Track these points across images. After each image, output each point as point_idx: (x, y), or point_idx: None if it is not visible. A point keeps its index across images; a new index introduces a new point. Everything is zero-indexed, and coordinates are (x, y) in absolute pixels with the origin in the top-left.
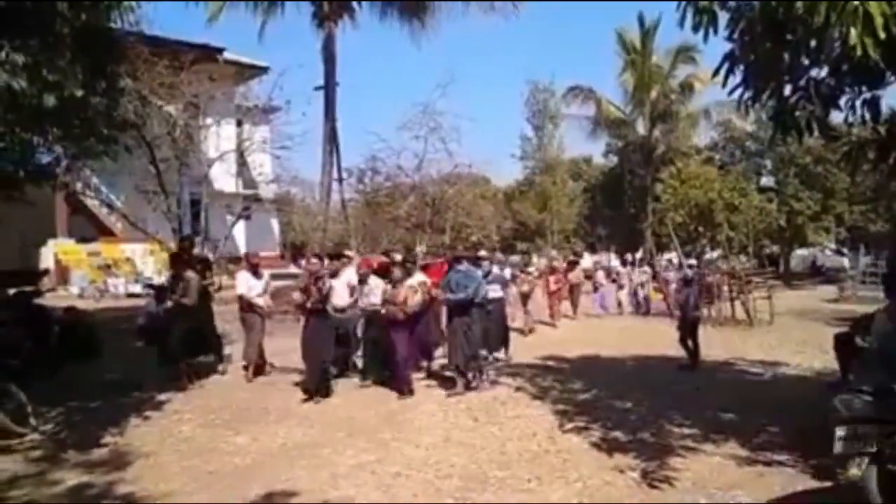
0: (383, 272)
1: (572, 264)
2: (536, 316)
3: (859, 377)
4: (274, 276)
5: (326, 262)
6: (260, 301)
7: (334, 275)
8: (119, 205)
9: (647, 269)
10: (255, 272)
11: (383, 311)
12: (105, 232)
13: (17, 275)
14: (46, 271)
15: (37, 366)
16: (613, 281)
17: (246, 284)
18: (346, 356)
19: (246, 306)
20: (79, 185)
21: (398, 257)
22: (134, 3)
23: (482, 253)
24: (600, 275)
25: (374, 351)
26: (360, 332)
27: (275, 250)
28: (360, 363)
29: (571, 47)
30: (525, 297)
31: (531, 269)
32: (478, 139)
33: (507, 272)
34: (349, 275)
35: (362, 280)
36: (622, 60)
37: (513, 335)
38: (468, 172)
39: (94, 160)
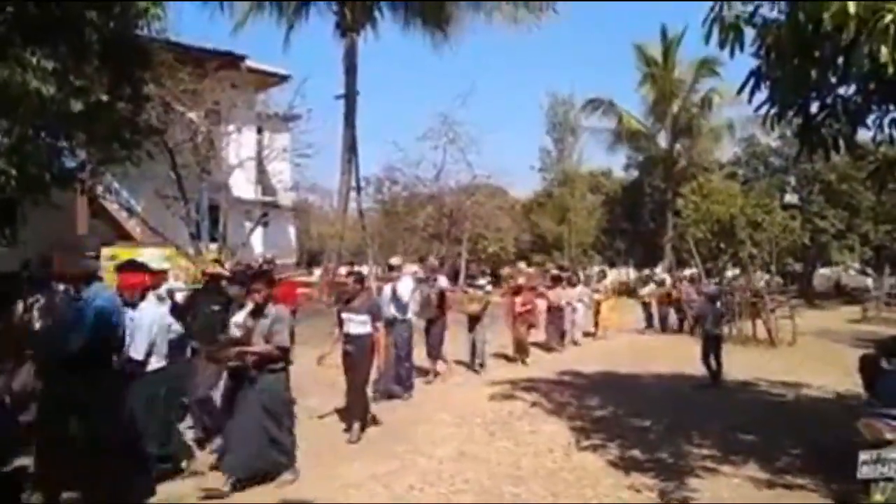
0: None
1: (556, 280)
2: (496, 348)
3: (884, 400)
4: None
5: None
6: None
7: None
8: (139, 210)
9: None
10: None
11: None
12: (124, 236)
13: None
14: None
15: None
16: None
17: None
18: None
19: None
20: (100, 189)
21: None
22: (160, 12)
23: (394, 261)
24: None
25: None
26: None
27: (291, 258)
28: (190, 434)
29: (591, 59)
30: (474, 321)
31: (482, 281)
32: (497, 150)
33: (442, 282)
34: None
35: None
36: (642, 74)
37: (463, 376)
38: (486, 183)
39: (118, 165)
